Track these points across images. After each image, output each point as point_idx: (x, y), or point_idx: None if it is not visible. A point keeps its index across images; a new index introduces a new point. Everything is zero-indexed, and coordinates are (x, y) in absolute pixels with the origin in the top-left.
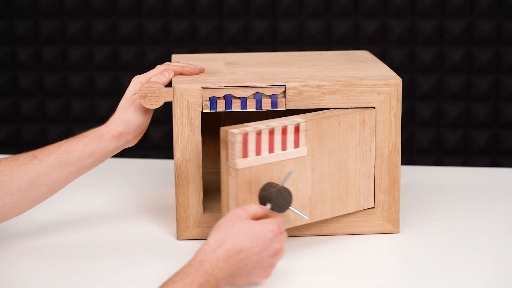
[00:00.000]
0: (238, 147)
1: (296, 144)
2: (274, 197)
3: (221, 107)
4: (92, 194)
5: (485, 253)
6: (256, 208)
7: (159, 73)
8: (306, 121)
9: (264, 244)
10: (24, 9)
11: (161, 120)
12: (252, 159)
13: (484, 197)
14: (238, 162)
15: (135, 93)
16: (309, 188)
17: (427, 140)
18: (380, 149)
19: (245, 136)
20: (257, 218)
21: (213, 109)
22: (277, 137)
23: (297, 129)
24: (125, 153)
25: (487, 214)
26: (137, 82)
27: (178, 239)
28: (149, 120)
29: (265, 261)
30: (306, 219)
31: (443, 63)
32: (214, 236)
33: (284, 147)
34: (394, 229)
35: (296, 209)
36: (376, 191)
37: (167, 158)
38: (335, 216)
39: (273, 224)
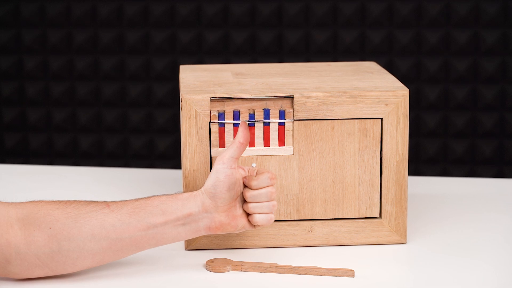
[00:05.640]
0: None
1: (282, 142)
2: None
3: (229, 118)
4: None
5: (492, 264)
6: None
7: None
8: (291, 121)
9: None
10: (31, 19)
11: (167, 129)
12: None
13: (491, 208)
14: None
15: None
16: (295, 186)
17: (433, 150)
18: (388, 160)
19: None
20: None
21: (221, 119)
22: (259, 133)
23: (282, 128)
24: (132, 163)
25: (493, 225)
26: (231, 168)
27: (186, 249)
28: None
29: None
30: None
31: (449, 73)
32: None
33: (267, 143)
34: (401, 240)
35: None
36: (383, 202)
37: (173, 168)
38: (329, 218)
39: None
